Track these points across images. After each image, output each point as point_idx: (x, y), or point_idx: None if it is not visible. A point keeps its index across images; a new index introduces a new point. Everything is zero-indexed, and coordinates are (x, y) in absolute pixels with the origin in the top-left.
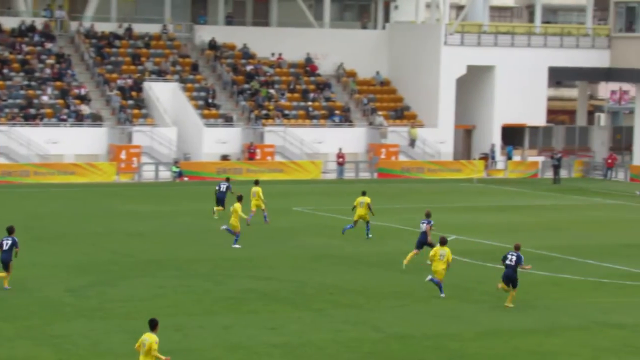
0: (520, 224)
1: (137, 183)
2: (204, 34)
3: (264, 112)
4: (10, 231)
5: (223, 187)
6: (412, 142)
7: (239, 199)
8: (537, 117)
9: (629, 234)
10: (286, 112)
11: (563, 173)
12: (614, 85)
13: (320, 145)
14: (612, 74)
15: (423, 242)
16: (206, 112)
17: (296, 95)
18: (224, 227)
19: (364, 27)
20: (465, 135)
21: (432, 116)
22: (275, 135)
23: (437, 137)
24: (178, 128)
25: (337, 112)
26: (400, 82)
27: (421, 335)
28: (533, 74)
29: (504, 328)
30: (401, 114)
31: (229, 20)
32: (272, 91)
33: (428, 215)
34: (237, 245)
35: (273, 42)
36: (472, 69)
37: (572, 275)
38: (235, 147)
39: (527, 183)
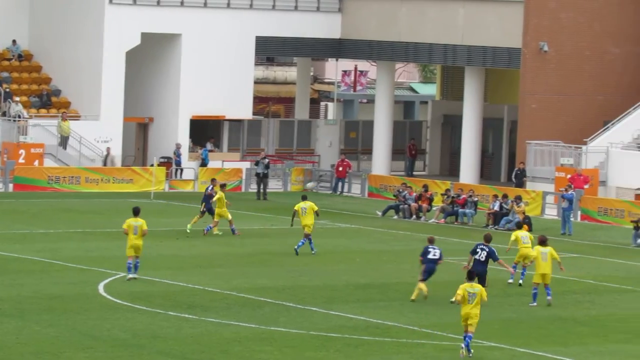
0: (216, 256)
1: None
2: None
3: None
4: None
5: None
6: (64, 141)
7: None
8: (240, 107)
9: (366, 271)
10: None
11: (275, 185)
12: (347, 64)
13: None
14: (345, 48)
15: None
16: None
17: None
18: None
19: None
20: (140, 132)
21: (92, 104)
22: None
23: (100, 134)
24: None
25: None
26: (47, 56)
27: None
28: (235, 46)
29: None
30: (48, 101)
31: None
32: None
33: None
34: None
35: None
36: (149, 39)
37: (289, 327)
38: None
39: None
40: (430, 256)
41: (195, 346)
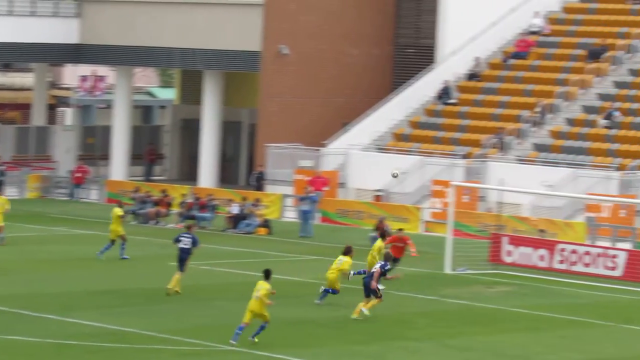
0: None
1: None
2: None
3: None
4: None
5: None
6: None
7: None
8: None
9: (104, 277)
10: None
11: (13, 192)
12: (85, 69)
13: None
14: (83, 53)
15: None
16: None
17: None
18: None
19: None
20: None
21: None
22: None
23: None
24: None
25: None
26: None
27: None
28: None
29: None
30: None
31: None
32: None
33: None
34: None
35: None
36: None
37: (25, 336)
38: None
39: None
40: (181, 245)
41: None
